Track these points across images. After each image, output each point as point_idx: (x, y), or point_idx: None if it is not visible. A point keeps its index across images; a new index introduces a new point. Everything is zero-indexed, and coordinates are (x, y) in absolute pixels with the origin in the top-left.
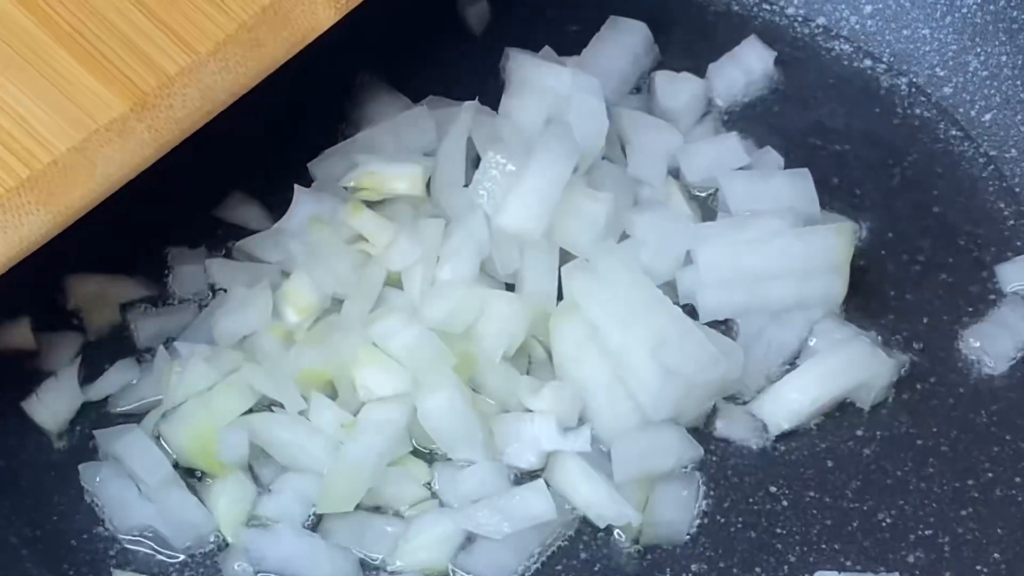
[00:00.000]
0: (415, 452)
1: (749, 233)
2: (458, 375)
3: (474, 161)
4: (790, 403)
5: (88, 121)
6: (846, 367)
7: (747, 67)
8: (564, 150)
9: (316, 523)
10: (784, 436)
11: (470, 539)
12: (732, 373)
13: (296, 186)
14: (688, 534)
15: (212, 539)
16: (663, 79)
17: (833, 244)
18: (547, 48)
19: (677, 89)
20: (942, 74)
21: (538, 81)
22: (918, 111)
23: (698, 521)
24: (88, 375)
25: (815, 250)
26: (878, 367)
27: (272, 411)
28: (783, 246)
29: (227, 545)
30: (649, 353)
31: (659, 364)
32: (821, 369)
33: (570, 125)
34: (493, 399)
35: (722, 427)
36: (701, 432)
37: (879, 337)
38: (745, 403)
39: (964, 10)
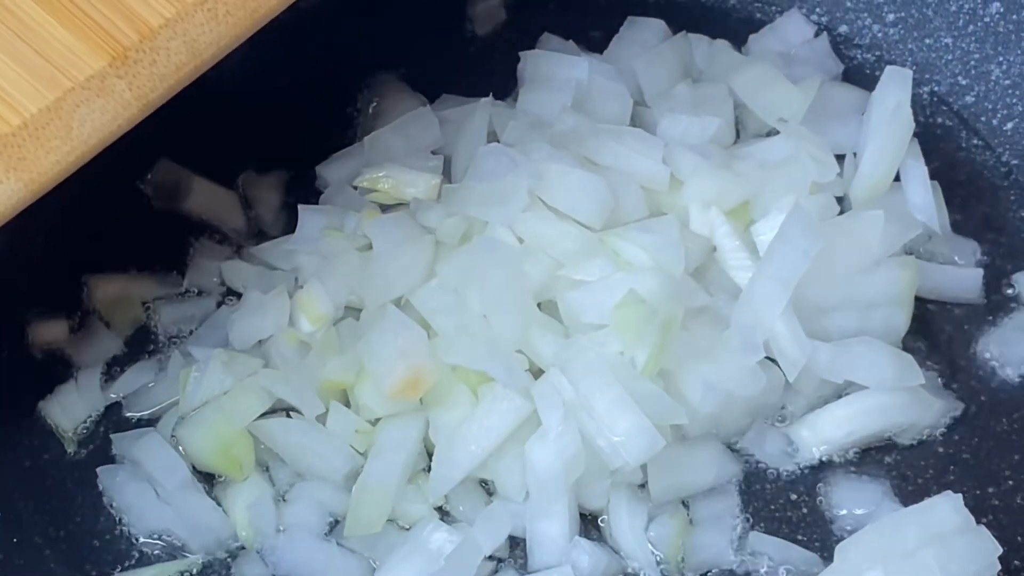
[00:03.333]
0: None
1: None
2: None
3: None
4: (825, 432)
5: (62, 79)
6: (891, 407)
7: (787, 40)
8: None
9: (330, 530)
10: None
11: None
12: (771, 396)
13: (300, 206)
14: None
15: (229, 543)
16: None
17: (896, 277)
18: (570, 42)
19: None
20: (964, 83)
21: (555, 73)
22: (939, 120)
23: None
24: (107, 377)
25: (878, 283)
26: (923, 412)
27: (289, 416)
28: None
29: (243, 549)
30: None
31: (699, 377)
32: (866, 404)
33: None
34: None
35: (753, 446)
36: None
37: (939, 379)
38: (783, 423)
39: (987, 19)
